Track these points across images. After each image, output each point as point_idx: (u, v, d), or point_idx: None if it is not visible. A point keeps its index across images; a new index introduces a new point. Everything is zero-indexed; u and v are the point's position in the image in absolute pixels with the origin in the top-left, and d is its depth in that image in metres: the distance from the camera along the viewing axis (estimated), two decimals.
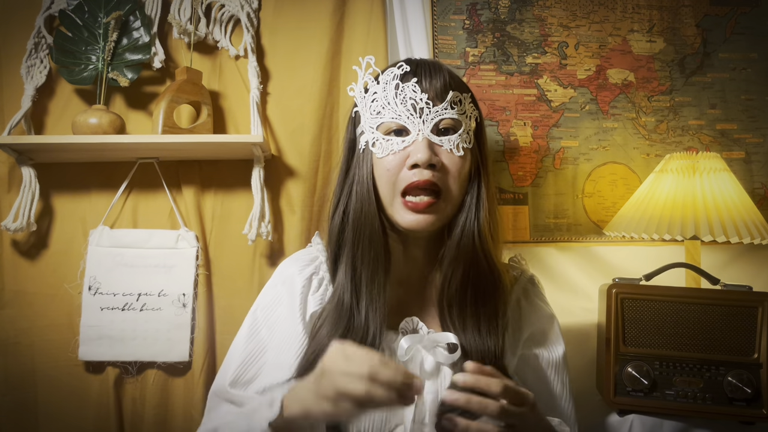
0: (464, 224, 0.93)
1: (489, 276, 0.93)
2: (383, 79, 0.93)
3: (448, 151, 0.91)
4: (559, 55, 1.58)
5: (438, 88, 0.93)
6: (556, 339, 1.01)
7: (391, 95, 0.92)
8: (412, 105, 0.91)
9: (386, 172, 0.91)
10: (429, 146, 0.90)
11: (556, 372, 0.98)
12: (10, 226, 1.30)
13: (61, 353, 1.34)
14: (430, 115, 0.91)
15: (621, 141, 1.58)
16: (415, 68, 0.94)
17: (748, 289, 1.21)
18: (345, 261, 0.94)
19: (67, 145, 1.28)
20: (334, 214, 0.97)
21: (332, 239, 0.97)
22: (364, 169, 0.94)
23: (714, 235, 1.28)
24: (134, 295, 1.34)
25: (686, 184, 1.34)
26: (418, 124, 0.91)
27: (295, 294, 0.97)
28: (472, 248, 0.92)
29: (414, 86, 0.91)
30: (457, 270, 0.92)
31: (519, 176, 1.55)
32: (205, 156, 1.40)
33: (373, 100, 0.94)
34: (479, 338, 0.90)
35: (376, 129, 0.93)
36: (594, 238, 1.55)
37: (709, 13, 1.62)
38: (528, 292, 1.02)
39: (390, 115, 0.92)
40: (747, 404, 1.16)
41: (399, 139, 0.91)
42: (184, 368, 1.35)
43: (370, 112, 0.94)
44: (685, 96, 1.60)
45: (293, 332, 0.94)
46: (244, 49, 1.42)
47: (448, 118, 0.92)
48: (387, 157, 0.91)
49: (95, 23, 1.36)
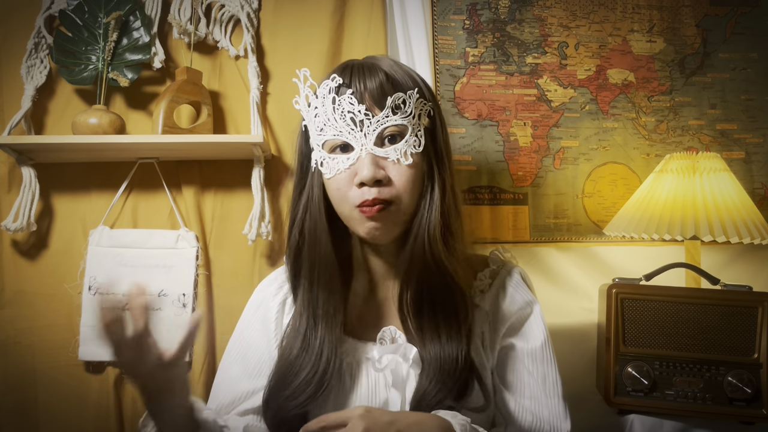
0: (416, 230, 0.89)
1: (441, 282, 0.89)
2: (320, 93, 0.88)
3: (394, 162, 0.86)
4: (559, 55, 1.58)
5: (375, 94, 0.86)
6: (536, 327, 0.95)
7: (330, 110, 0.87)
8: (351, 119, 0.86)
9: (337, 191, 0.88)
10: (373, 162, 0.85)
11: (534, 362, 0.92)
12: (10, 226, 1.30)
13: (61, 353, 1.34)
14: (371, 126, 0.86)
15: (621, 141, 1.58)
16: (350, 77, 0.88)
17: (748, 289, 1.21)
18: (302, 280, 0.93)
19: (67, 145, 1.28)
20: (291, 233, 0.95)
21: (290, 258, 0.95)
22: (316, 189, 0.92)
23: (714, 235, 1.28)
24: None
25: (686, 184, 1.34)
26: (360, 139, 0.86)
27: (269, 319, 0.97)
28: (422, 254, 0.88)
29: (350, 98, 0.86)
30: (411, 278, 0.89)
31: (519, 176, 1.55)
32: (205, 156, 1.40)
33: (315, 116, 0.89)
34: (439, 345, 0.87)
35: (322, 147, 0.90)
36: (594, 238, 1.55)
37: (709, 13, 1.62)
38: (505, 286, 0.97)
39: (331, 132, 0.87)
40: (747, 404, 1.16)
41: (344, 157, 0.87)
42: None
43: (314, 129, 0.90)
44: (685, 96, 1.60)
45: (266, 357, 0.95)
46: (244, 49, 1.42)
47: (391, 126, 0.86)
48: (335, 176, 0.88)
49: (95, 23, 1.36)
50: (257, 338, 0.98)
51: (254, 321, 1.00)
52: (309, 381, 0.87)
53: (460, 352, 0.87)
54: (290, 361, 0.89)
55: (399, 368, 0.89)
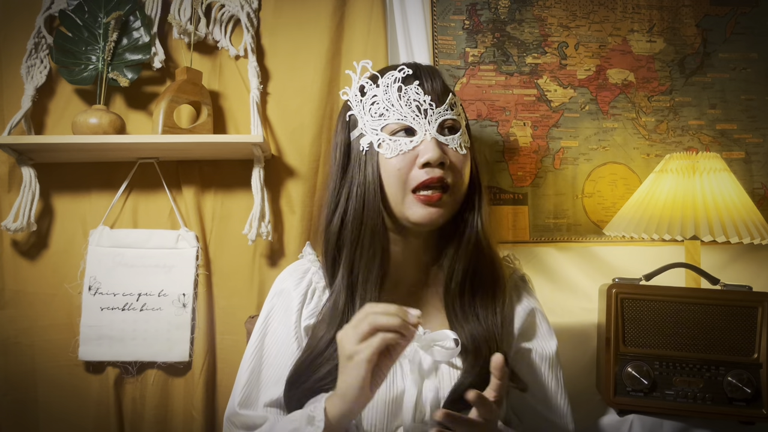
0: (471, 220, 0.96)
1: (491, 268, 0.97)
2: (383, 82, 0.95)
3: (453, 150, 0.94)
4: (559, 55, 1.58)
5: (438, 91, 0.96)
6: (549, 334, 1.02)
7: (395, 97, 0.94)
8: (417, 106, 0.93)
9: (397, 171, 0.92)
10: (438, 145, 0.92)
11: (550, 367, 1.00)
12: (10, 226, 1.30)
13: (61, 353, 1.34)
14: (434, 115, 0.94)
15: (621, 141, 1.58)
16: (415, 71, 0.96)
17: (748, 289, 1.21)
18: (343, 264, 0.95)
19: (67, 145, 1.28)
20: (332, 218, 0.97)
21: (330, 243, 0.97)
22: (369, 169, 0.94)
23: (714, 235, 1.28)
24: (134, 295, 1.34)
25: (686, 184, 1.34)
26: (424, 125, 0.93)
27: (291, 310, 0.98)
28: (476, 243, 0.96)
29: (417, 88, 0.94)
30: (460, 264, 0.95)
31: (519, 176, 1.55)
32: (205, 156, 1.40)
33: (374, 103, 0.95)
34: (480, 326, 0.93)
35: (381, 131, 0.94)
36: (594, 238, 1.55)
37: (709, 13, 1.62)
38: (519, 289, 1.04)
39: (395, 116, 0.93)
40: (747, 404, 1.16)
41: (407, 139, 0.93)
42: (184, 368, 1.35)
43: (370, 115, 0.95)
44: (685, 96, 1.60)
45: (288, 348, 0.96)
46: (244, 49, 1.42)
47: (450, 119, 0.95)
48: (396, 156, 0.92)
49: (95, 23, 1.37)
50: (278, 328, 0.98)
51: (277, 309, 1.00)
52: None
53: (498, 333, 0.93)
54: (325, 344, 0.90)
55: (417, 357, 0.91)
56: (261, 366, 0.97)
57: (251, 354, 0.98)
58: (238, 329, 1.35)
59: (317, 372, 0.88)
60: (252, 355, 0.98)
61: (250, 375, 0.96)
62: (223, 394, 1.35)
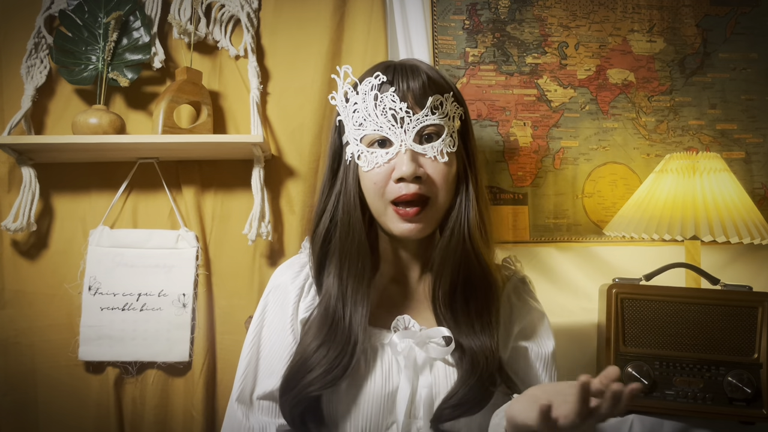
0: (454, 225, 0.94)
1: (480, 274, 0.94)
2: (362, 90, 0.92)
3: (432, 159, 0.91)
4: (559, 55, 1.58)
5: (417, 93, 0.91)
6: (546, 335, 1.02)
7: (371, 106, 0.91)
8: (392, 115, 0.90)
9: (373, 185, 0.92)
10: (412, 158, 0.89)
11: (545, 367, 0.99)
12: (10, 226, 1.30)
13: (61, 353, 1.34)
14: (411, 123, 0.90)
15: (621, 141, 1.58)
16: (392, 75, 0.92)
17: (748, 289, 1.21)
18: (332, 270, 0.95)
19: (67, 145, 1.28)
20: (320, 222, 0.97)
21: (316, 247, 0.97)
22: (351, 180, 0.94)
23: (714, 235, 1.28)
24: (134, 295, 1.34)
25: (686, 184, 1.34)
26: (400, 135, 0.90)
27: (287, 303, 0.98)
28: (462, 248, 0.93)
29: (392, 96, 0.90)
30: (446, 270, 0.93)
31: (519, 176, 1.55)
32: (205, 156, 1.40)
33: (354, 111, 0.93)
34: (473, 335, 0.91)
35: (360, 141, 0.93)
36: (594, 238, 1.55)
37: (709, 13, 1.62)
38: (519, 290, 1.03)
39: (371, 126, 0.91)
40: (747, 404, 1.16)
41: (383, 152, 0.91)
42: (184, 368, 1.35)
43: (352, 123, 0.93)
44: (685, 96, 1.60)
45: (284, 340, 0.96)
46: (244, 49, 1.42)
47: (430, 125, 0.91)
48: (373, 170, 0.91)
49: (95, 23, 1.36)
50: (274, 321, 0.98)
51: (273, 301, 1.00)
52: (333, 367, 0.88)
53: (492, 342, 0.92)
54: (313, 349, 0.90)
55: (412, 353, 0.91)
56: (258, 358, 0.97)
57: (248, 347, 0.98)
58: (238, 329, 1.35)
59: (305, 378, 0.88)
60: (249, 348, 0.98)
61: (247, 367, 0.96)
62: (223, 394, 1.35)
